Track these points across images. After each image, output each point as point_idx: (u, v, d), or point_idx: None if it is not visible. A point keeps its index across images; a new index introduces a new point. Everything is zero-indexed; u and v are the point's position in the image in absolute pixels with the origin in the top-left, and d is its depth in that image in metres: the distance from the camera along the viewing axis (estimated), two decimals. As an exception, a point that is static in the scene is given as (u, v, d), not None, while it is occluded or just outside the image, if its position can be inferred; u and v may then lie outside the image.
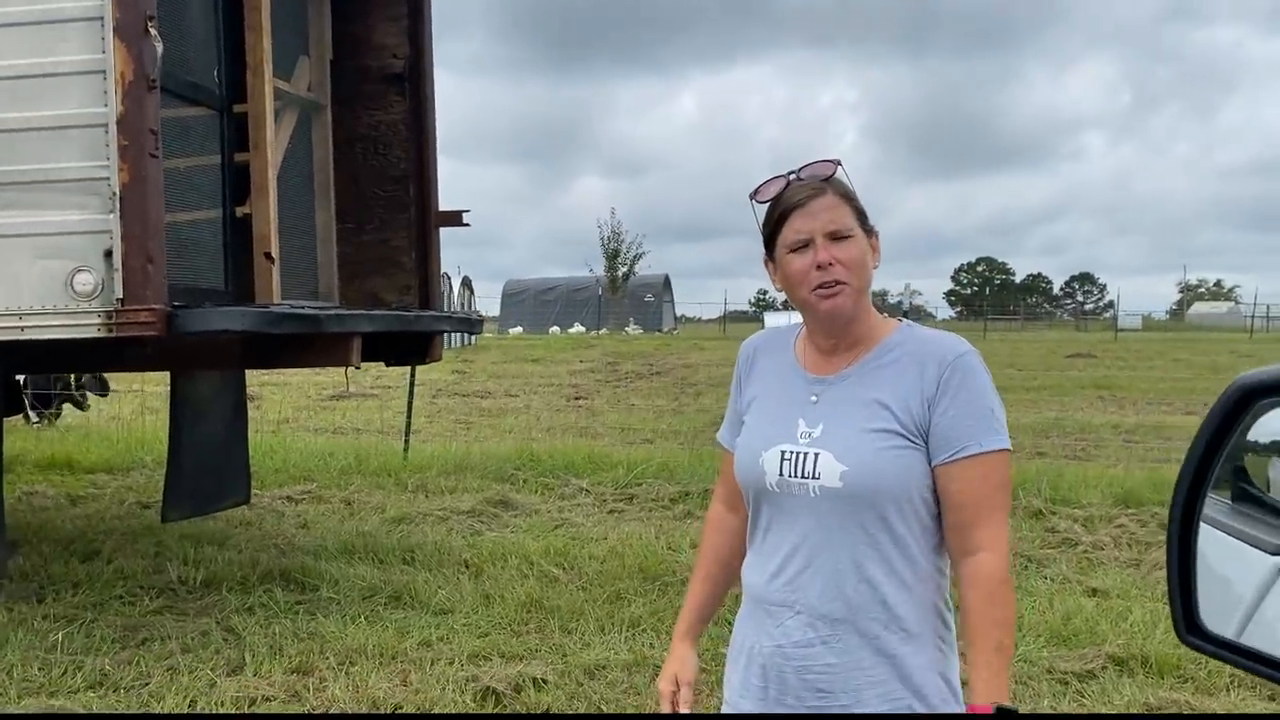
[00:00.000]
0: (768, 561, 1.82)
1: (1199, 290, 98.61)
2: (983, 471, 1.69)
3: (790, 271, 1.76)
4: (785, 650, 1.77)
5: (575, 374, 20.93)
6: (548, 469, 8.57)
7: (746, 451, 1.84)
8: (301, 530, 6.74)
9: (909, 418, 1.71)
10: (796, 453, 1.76)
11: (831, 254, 1.71)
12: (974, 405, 1.70)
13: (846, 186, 1.79)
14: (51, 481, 8.21)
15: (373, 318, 5.02)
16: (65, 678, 4.13)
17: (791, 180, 1.79)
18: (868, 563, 1.72)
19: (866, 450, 1.70)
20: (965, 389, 1.71)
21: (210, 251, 5.11)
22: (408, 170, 6.25)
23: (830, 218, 1.73)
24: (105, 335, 3.95)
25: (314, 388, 16.68)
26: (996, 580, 1.68)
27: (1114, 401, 16.12)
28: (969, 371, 1.72)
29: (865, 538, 1.72)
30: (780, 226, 1.77)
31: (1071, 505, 7.41)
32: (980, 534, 1.69)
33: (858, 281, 1.74)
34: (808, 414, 1.79)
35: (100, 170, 3.92)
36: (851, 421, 1.74)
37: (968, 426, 1.69)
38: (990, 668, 1.66)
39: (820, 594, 1.74)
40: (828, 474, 1.72)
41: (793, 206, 1.75)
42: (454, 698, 3.98)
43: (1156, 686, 4.19)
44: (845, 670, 1.73)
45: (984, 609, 1.67)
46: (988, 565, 1.68)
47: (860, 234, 1.75)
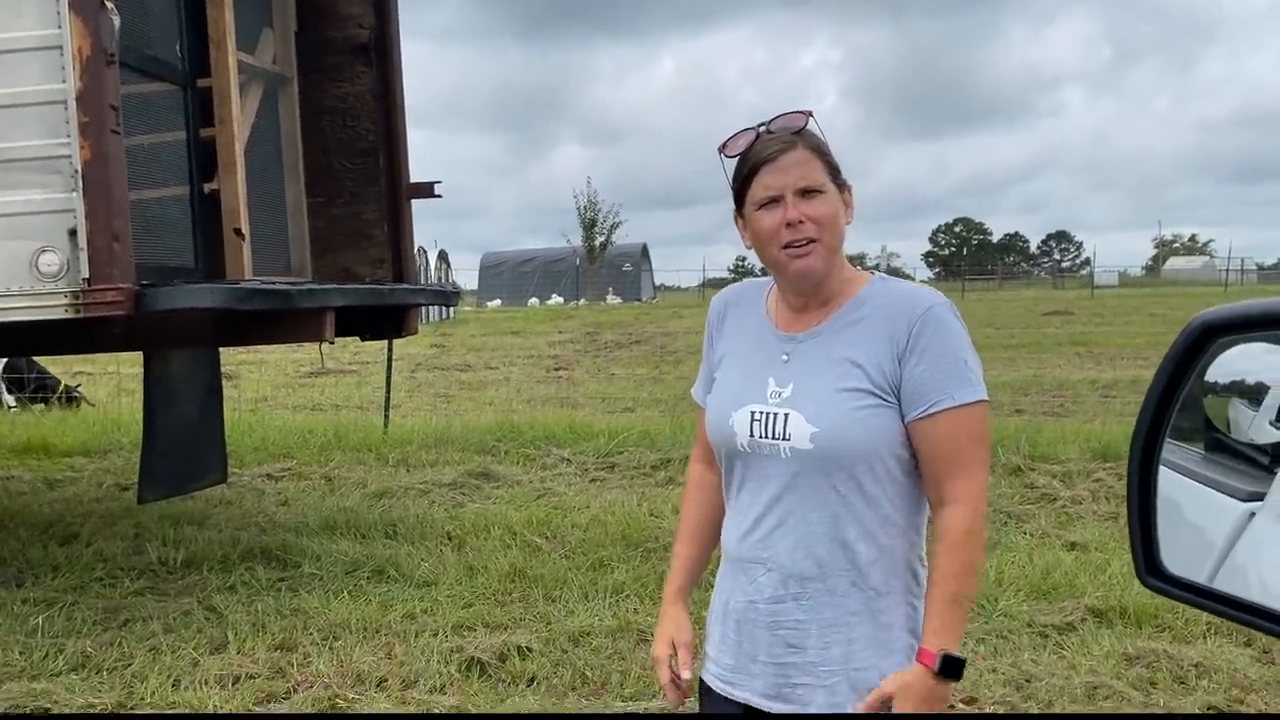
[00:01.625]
0: (742, 519, 1.81)
1: (1174, 245, 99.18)
2: (956, 425, 1.67)
3: (759, 229, 1.72)
4: (757, 605, 1.77)
5: (555, 345, 20.88)
6: (529, 440, 8.55)
7: (716, 411, 1.82)
8: (282, 507, 6.71)
9: (880, 375, 1.68)
10: (766, 413, 1.73)
11: (802, 211, 1.67)
12: (945, 359, 1.67)
13: (818, 139, 1.74)
14: (28, 466, 8.14)
15: (345, 292, 4.97)
16: (47, 661, 4.11)
17: (761, 133, 1.73)
18: (839, 522, 1.71)
19: (837, 411, 1.68)
20: (936, 342, 1.67)
21: (178, 229, 5.04)
22: (377, 142, 6.18)
23: (801, 173, 1.68)
24: (73, 316, 3.89)
25: (292, 365, 16.58)
26: (961, 531, 1.67)
27: (1091, 357, 16.23)
28: (939, 324, 1.68)
29: (837, 497, 1.71)
30: (749, 182, 1.72)
31: (1050, 461, 7.46)
32: (953, 486, 1.68)
33: (829, 239, 1.70)
34: (778, 372, 1.76)
35: (61, 148, 3.85)
36: (822, 380, 1.71)
37: (939, 381, 1.66)
38: (942, 617, 1.66)
39: (791, 552, 1.73)
40: (798, 435, 1.70)
41: (762, 161, 1.70)
42: (439, 668, 3.99)
43: (1135, 636, 4.24)
44: (815, 625, 1.73)
45: (944, 560, 1.67)
46: (954, 516, 1.67)
47: (832, 189, 1.71)
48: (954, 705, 3.60)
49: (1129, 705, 3.60)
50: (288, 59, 5.97)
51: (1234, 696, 3.68)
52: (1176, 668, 3.91)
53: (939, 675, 1.64)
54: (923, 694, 1.65)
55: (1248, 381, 1.18)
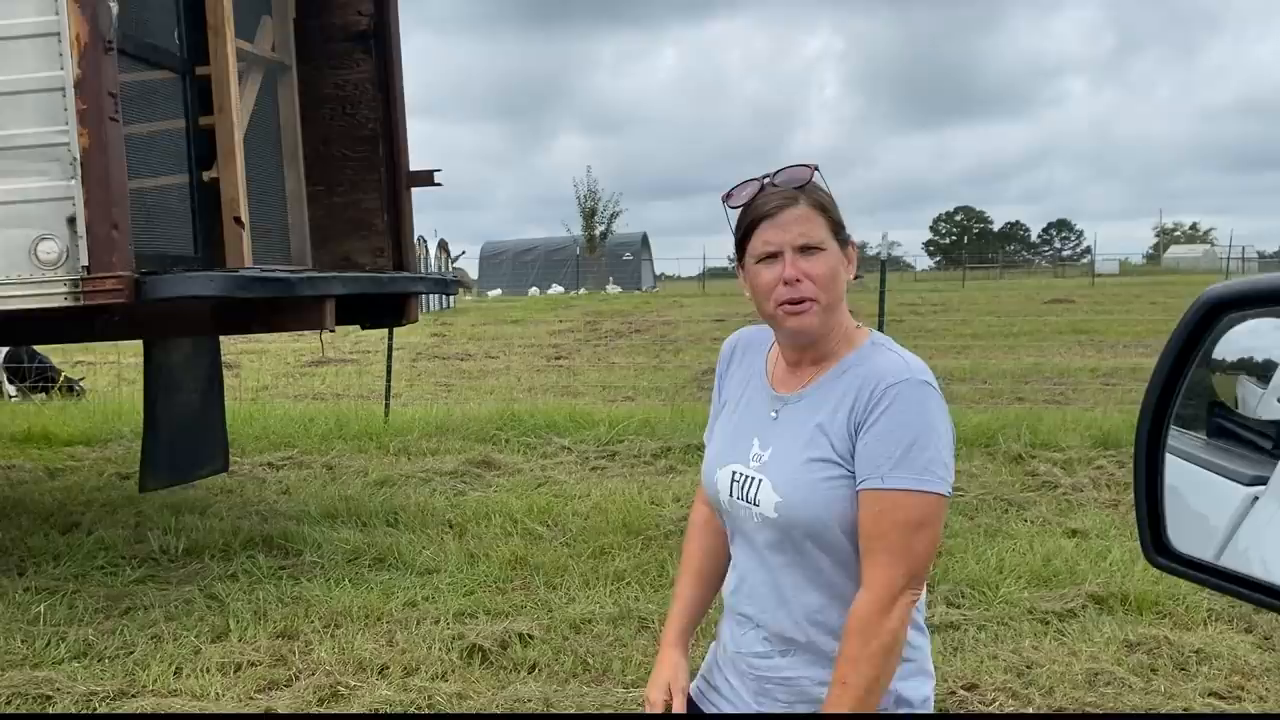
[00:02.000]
0: (733, 572, 1.83)
1: (1175, 234, 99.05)
2: (882, 507, 1.59)
3: (757, 283, 1.69)
4: (747, 659, 1.77)
5: (555, 334, 20.87)
6: (529, 428, 8.56)
7: (707, 465, 1.84)
8: (283, 496, 6.71)
9: (841, 443, 1.64)
10: (745, 476, 1.74)
11: (800, 269, 1.64)
12: (892, 436, 1.59)
13: (822, 194, 1.70)
14: (29, 455, 8.14)
15: (345, 280, 4.96)
16: (49, 649, 4.11)
17: (765, 185, 1.70)
18: (811, 588, 1.69)
19: (802, 481, 1.65)
20: (886, 417, 1.60)
21: (178, 217, 5.03)
22: (377, 130, 6.16)
23: (801, 230, 1.65)
24: (72, 304, 3.89)
25: (292, 355, 16.58)
26: (858, 618, 1.60)
27: (1092, 345, 16.21)
28: (899, 400, 1.60)
29: (809, 563, 1.69)
30: (750, 235, 1.69)
31: (1051, 448, 7.47)
32: (867, 569, 1.61)
33: (826, 298, 1.65)
34: (763, 433, 1.75)
35: (59, 135, 3.83)
36: (794, 448, 1.69)
37: (876, 458, 1.60)
38: (831, 695, 1.61)
39: (771, 615, 1.73)
40: (765, 503, 1.69)
41: (763, 216, 1.67)
42: (440, 656, 3.99)
43: (1136, 623, 4.24)
44: (802, 683, 1.72)
45: (843, 641, 1.62)
46: (859, 601, 1.61)
47: (833, 247, 1.67)
48: (955, 691, 3.60)
49: (1130, 691, 3.60)
50: (286, 47, 5.95)
51: (1234, 683, 3.69)
52: (1177, 654, 3.91)
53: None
54: None
55: (1256, 359, 1.17)
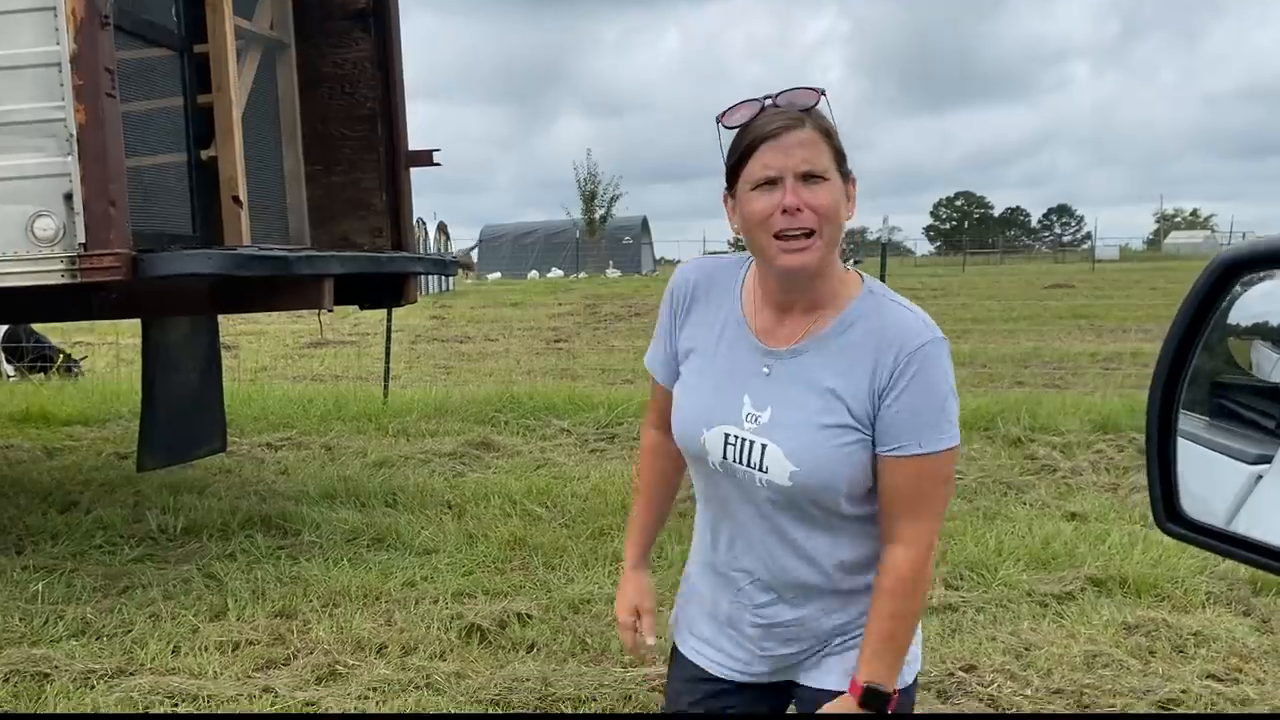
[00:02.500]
0: (715, 530, 1.77)
1: (1175, 220, 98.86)
2: (919, 470, 1.58)
3: (751, 211, 1.55)
4: (747, 609, 1.75)
5: (555, 317, 20.84)
6: (529, 411, 8.55)
7: (686, 425, 1.71)
8: (282, 476, 6.71)
9: (860, 407, 1.58)
10: (742, 439, 1.64)
11: (802, 198, 1.51)
12: (924, 402, 1.56)
13: (828, 121, 1.57)
14: (27, 435, 8.13)
15: (344, 259, 4.94)
16: (47, 627, 4.11)
17: (766, 106, 1.57)
18: (815, 542, 1.67)
19: (819, 448, 1.59)
20: (918, 383, 1.56)
21: (176, 196, 5.00)
22: (375, 110, 6.13)
23: (805, 155, 1.52)
24: (69, 281, 3.87)
25: (291, 336, 16.55)
26: (902, 575, 1.61)
27: (1091, 330, 16.20)
28: (925, 363, 1.56)
29: (812, 522, 1.66)
30: (746, 159, 1.55)
31: (1050, 432, 7.47)
32: (903, 527, 1.61)
33: (829, 233, 1.54)
34: (755, 391, 1.64)
35: (56, 111, 3.81)
36: (803, 411, 1.60)
37: (913, 424, 1.57)
38: (875, 652, 1.64)
39: (770, 566, 1.71)
40: (776, 471, 1.61)
41: (763, 137, 1.54)
42: (439, 635, 3.99)
43: (1134, 605, 4.24)
44: (810, 620, 1.72)
45: (883, 601, 1.63)
46: (899, 558, 1.62)
47: (837, 178, 1.55)
48: (953, 672, 3.60)
49: (1128, 673, 3.60)
50: (285, 25, 5.90)
51: (1232, 665, 3.69)
52: (1175, 637, 3.91)
53: (863, 705, 1.63)
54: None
55: (1271, 322, 1.16)
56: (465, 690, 3.50)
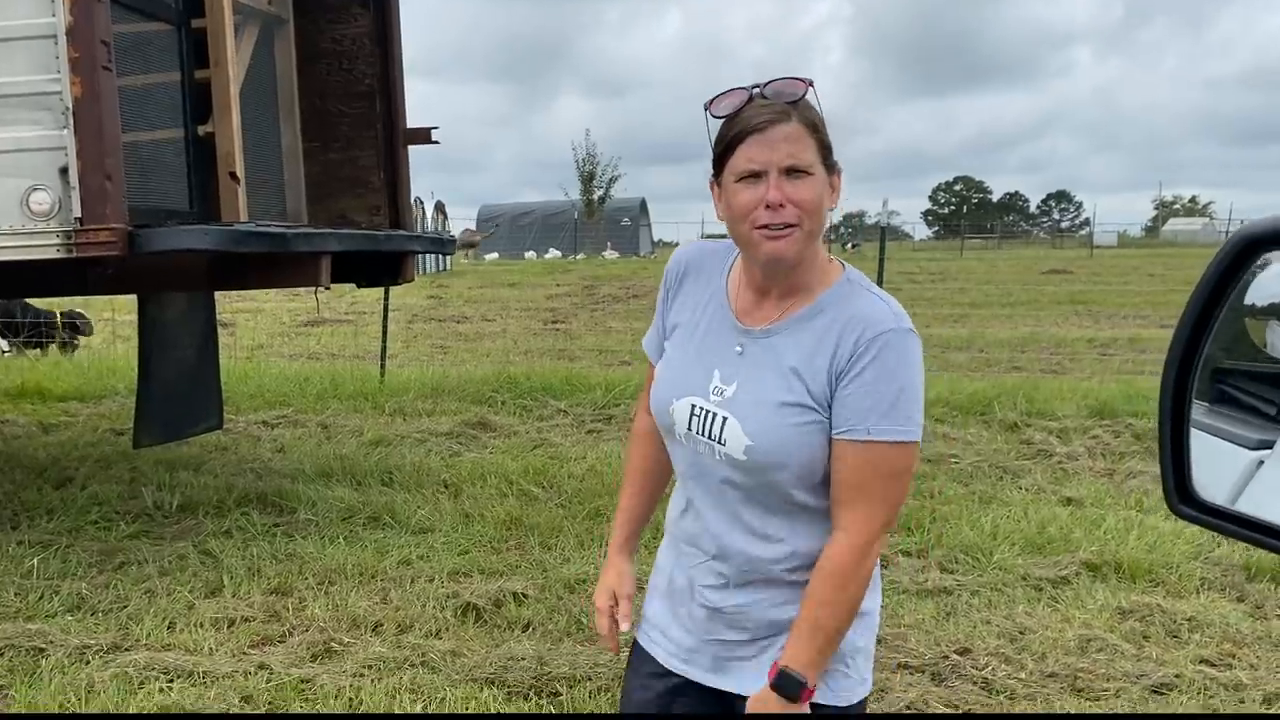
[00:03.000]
0: (679, 499, 1.79)
1: (1174, 207, 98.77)
2: (867, 458, 1.56)
3: (735, 203, 1.57)
4: (698, 589, 1.75)
5: (552, 298, 20.81)
6: (525, 391, 8.54)
7: (660, 392, 1.74)
8: (278, 454, 6.70)
9: (819, 388, 1.59)
10: (706, 410, 1.66)
11: (785, 193, 1.52)
12: (877, 388, 1.55)
13: (815, 114, 1.57)
14: (23, 410, 8.12)
15: (341, 237, 4.91)
16: (42, 602, 4.11)
17: (754, 95, 1.57)
18: (770, 524, 1.67)
19: (775, 424, 1.59)
20: (873, 368, 1.55)
21: (173, 171, 4.97)
22: (374, 86, 6.09)
23: (790, 150, 1.53)
24: (65, 256, 3.84)
25: (288, 314, 16.52)
26: (838, 563, 1.60)
27: (1089, 316, 16.21)
28: (884, 350, 1.55)
29: (767, 501, 1.66)
30: (732, 150, 1.56)
31: (1046, 417, 7.47)
32: (846, 514, 1.60)
33: (810, 225, 1.55)
34: (725, 367, 1.67)
35: (51, 84, 3.77)
36: (765, 388, 1.62)
37: (864, 408, 1.56)
38: (798, 637, 1.62)
39: (723, 547, 1.70)
40: (733, 443, 1.62)
41: (749, 130, 1.54)
42: (434, 614, 3.99)
43: (1129, 590, 4.25)
44: (755, 608, 1.71)
45: (814, 586, 1.62)
46: (838, 545, 1.60)
47: (821, 171, 1.56)
48: (948, 655, 3.61)
49: (1122, 658, 3.61)
50: (284, 0, 5.86)
51: (1225, 651, 3.70)
52: (1170, 622, 3.92)
53: (774, 689, 1.62)
54: (764, 707, 1.65)
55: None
56: (460, 668, 3.50)
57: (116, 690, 3.32)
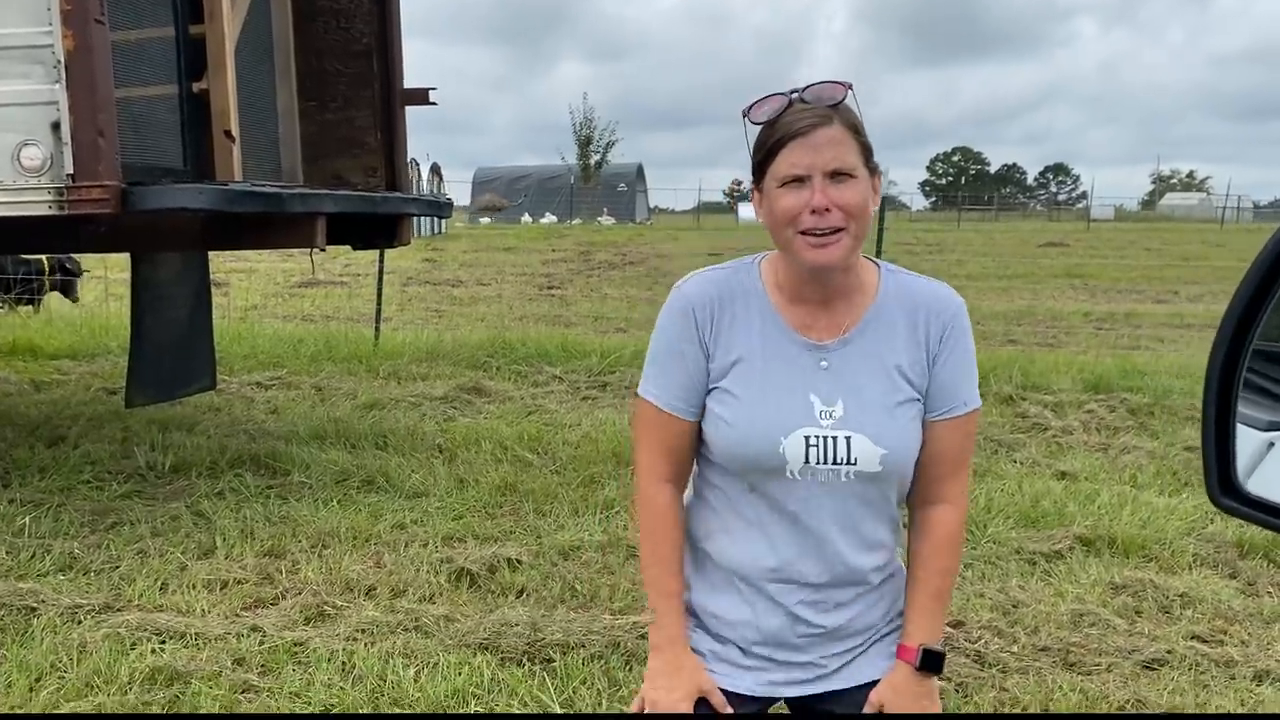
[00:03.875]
0: (770, 542, 1.68)
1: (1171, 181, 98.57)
2: (966, 428, 1.66)
3: (779, 208, 1.54)
4: (797, 618, 1.70)
5: (548, 263, 20.73)
6: (520, 357, 8.51)
7: (756, 436, 1.61)
8: (271, 416, 6.68)
9: (920, 380, 1.64)
10: (823, 437, 1.60)
11: (830, 197, 1.51)
12: (967, 362, 1.65)
13: (855, 116, 1.56)
14: (14, 368, 8.07)
15: (337, 198, 4.86)
16: (34, 561, 4.09)
17: (794, 100, 1.55)
18: (880, 531, 1.70)
19: (899, 427, 1.61)
20: (960, 345, 1.65)
21: (167, 129, 4.90)
22: (371, 45, 6.01)
23: (834, 154, 1.51)
24: (57, 213, 3.79)
25: (282, 275, 16.44)
26: (952, 533, 1.69)
27: (1085, 290, 16.20)
28: (961, 326, 1.66)
29: (881, 505, 1.68)
30: (774, 155, 1.54)
31: (1042, 391, 7.47)
32: (950, 486, 1.68)
33: (857, 229, 1.54)
34: (820, 388, 1.61)
35: (43, 37, 3.70)
36: (875, 395, 1.61)
37: (961, 385, 1.64)
38: (926, 613, 1.69)
39: (833, 569, 1.67)
40: (865, 459, 1.60)
41: (791, 135, 1.52)
42: (428, 578, 3.99)
43: (1122, 565, 4.26)
44: (858, 619, 1.73)
45: (932, 558, 1.69)
46: (948, 517, 1.69)
47: (864, 174, 1.54)
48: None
49: (1114, 633, 3.62)
50: (280, -45, 5.77)
51: (1217, 627, 3.71)
52: (1162, 597, 3.93)
53: (920, 670, 1.67)
54: (908, 692, 1.69)
55: None
56: (454, 633, 3.50)
57: (109, 650, 3.31)
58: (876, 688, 1.71)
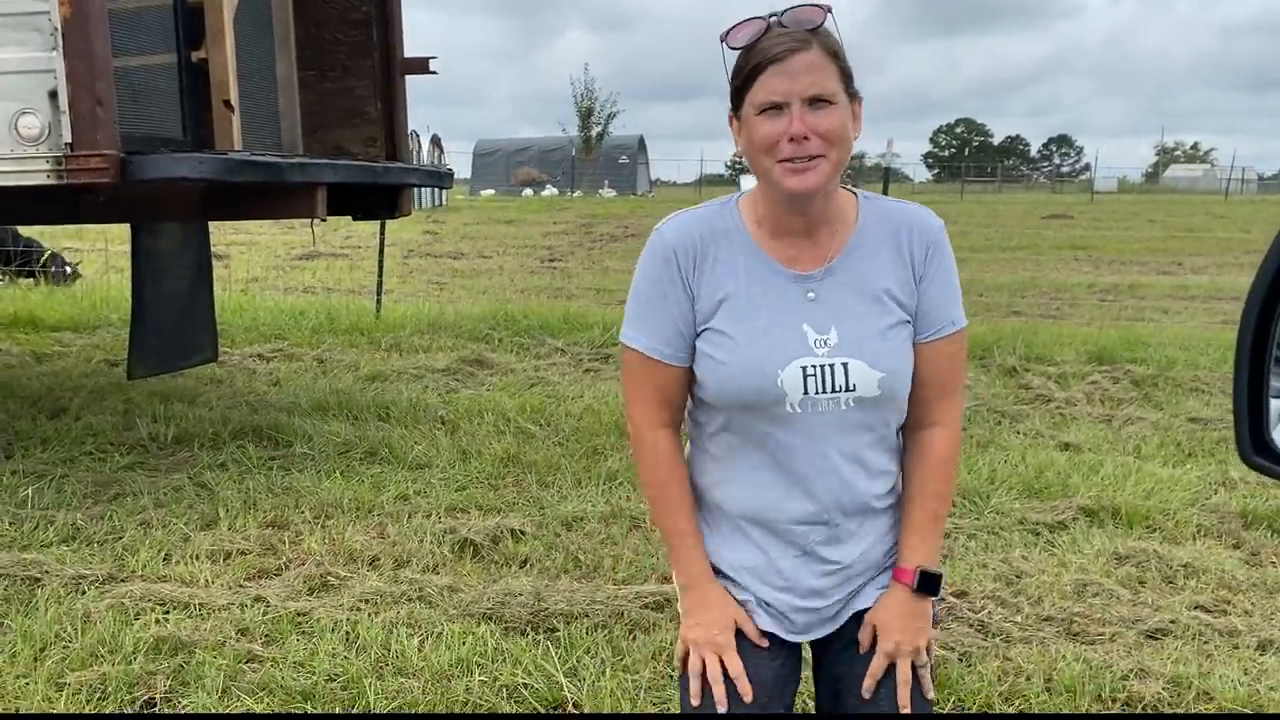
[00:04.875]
0: (775, 483, 1.66)
1: (1175, 153, 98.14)
2: (954, 348, 1.65)
3: (757, 136, 1.52)
4: (812, 555, 1.69)
5: (549, 236, 20.67)
6: (523, 329, 8.49)
7: (752, 372, 1.59)
8: (273, 388, 6.67)
9: (908, 298, 1.63)
10: (820, 366, 1.58)
11: (809, 124, 1.49)
12: (952, 282, 1.65)
13: (835, 40, 1.53)
14: (16, 340, 8.06)
15: (337, 168, 4.82)
16: (37, 532, 4.10)
17: (772, 24, 1.52)
18: (883, 458, 1.69)
19: (893, 348, 1.61)
20: (944, 265, 1.64)
21: (166, 98, 4.86)
22: (370, 14, 5.95)
23: (812, 80, 1.48)
24: (55, 183, 3.76)
25: (283, 247, 16.40)
26: (946, 455, 1.68)
27: (1089, 261, 16.14)
28: (942, 245, 1.65)
29: (884, 430, 1.67)
30: (751, 82, 1.51)
31: (1045, 362, 7.45)
32: (942, 408, 1.67)
33: (837, 155, 1.52)
34: (810, 318, 1.59)
35: (39, 3, 3.66)
36: (867, 320, 1.60)
37: (947, 304, 1.64)
38: (921, 533, 1.68)
39: (842, 501, 1.66)
40: (864, 384, 1.58)
41: (769, 60, 1.49)
42: (431, 549, 3.99)
43: (1125, 536, 4.25)
44: (868, 549, 1.72)
45: (927, 480, 1.68)
46: (941, 439, 1.68)
47: (844, 99, 1.52)
48: (944, 598, 3.62)
49: (1117, 603, 3.62)
50: (278, -79, 5.70)
51: (1221, 597, 3.70)
52: (1166, 568, 3.93)
53: (917, 592, 1.67)
54: (904, 613, 1.69)
55: None
56: (457, 604, 3.50)
57: (113, 620, 3.31)
58: (872, 610, 1.70)
